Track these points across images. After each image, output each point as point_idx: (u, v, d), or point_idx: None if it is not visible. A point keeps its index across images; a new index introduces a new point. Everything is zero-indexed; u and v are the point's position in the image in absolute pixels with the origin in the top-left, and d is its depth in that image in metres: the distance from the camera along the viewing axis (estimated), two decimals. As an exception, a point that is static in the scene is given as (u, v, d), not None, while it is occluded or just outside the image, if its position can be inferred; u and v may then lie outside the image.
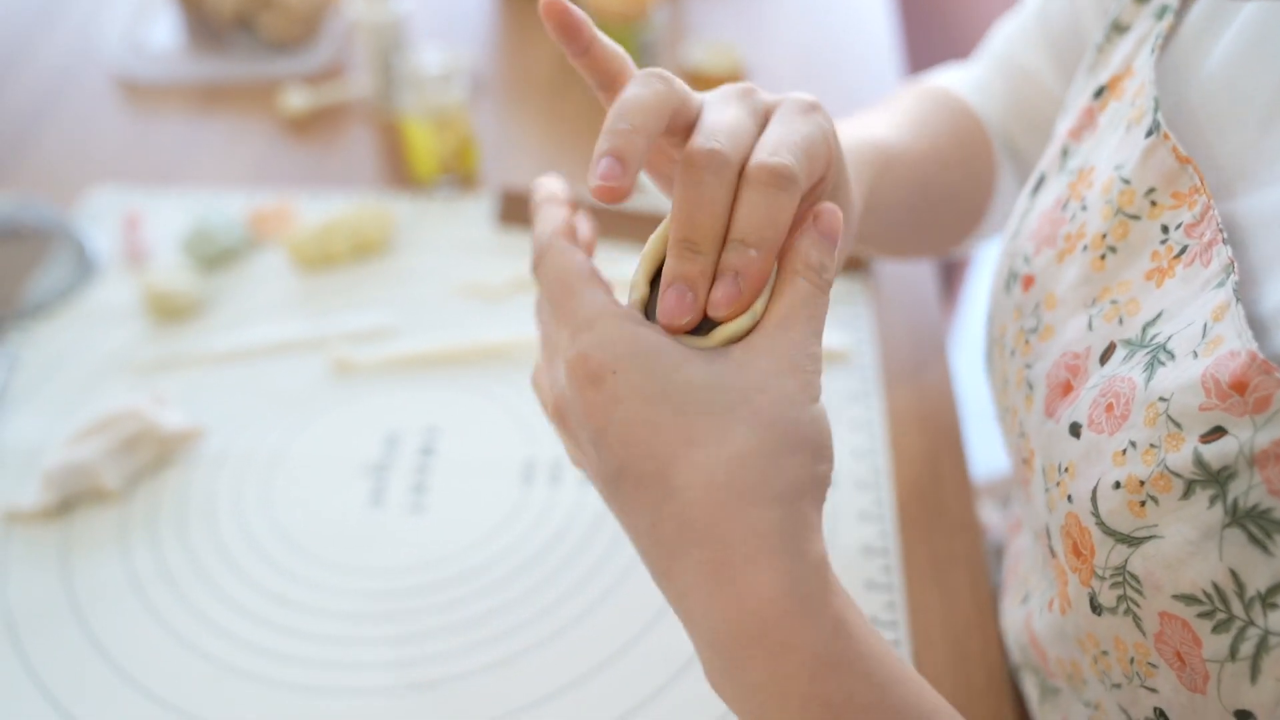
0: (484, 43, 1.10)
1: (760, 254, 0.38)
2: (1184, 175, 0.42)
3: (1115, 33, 0.52)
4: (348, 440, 0.73)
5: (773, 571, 0.35)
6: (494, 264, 0.85)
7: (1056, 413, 0.45)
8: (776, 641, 0.35)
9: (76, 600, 0.64)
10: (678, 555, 0.37)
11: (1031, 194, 0.54)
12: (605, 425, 0.37)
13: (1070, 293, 0.47)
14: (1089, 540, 0.41)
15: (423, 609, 0.63)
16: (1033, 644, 0.52)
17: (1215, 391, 0.36)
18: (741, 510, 0.36)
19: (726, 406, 0.36)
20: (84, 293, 0.83)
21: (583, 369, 0.37)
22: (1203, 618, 0.36)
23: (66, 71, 1.07)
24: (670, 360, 0.37)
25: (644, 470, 0.36)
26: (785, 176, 0.38)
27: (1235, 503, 0.35)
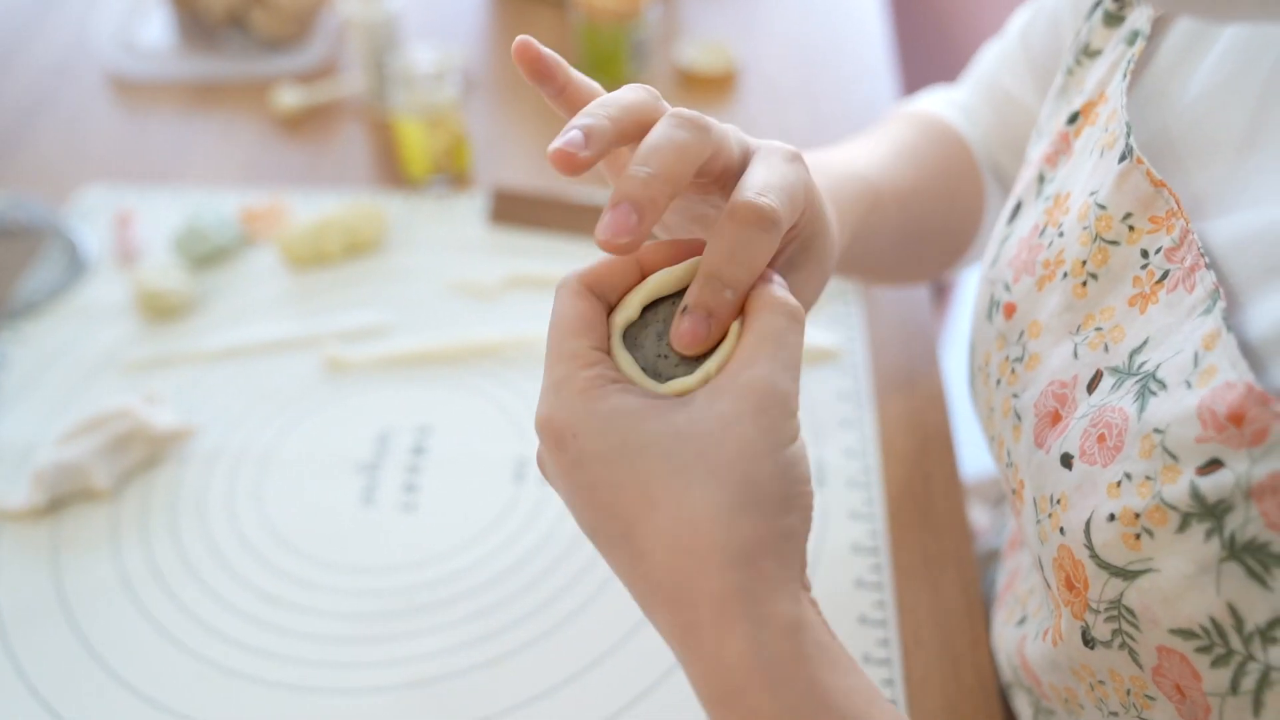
0: (476, 41, 1.10)
1: (734, 295, 0.38)
2: (1159, 199, 0.42)
3: (1086, 57, 0.52)
4: (339, 439, 0.73)
5: (737, 638, 0.34)
6: (486, 262, 0.85)
7: (1046, 443, 0.45)
8: (745, 706, 0.35)
9: (67, 600, 0.64)
10: (652, 612, 0.37)
11: (1009, 221, 0.54)
12: (572, 487, 0.37)
13: (1054, 320, 0.47)
14: (1082, 573, 0.40)
15: (414, 608, 0.63)
16: (1024, 668, 0.52)
17: (1212, 423, 0.35)
18: (702, 574, 0.35)
19: (683, 463, 0.35)
20: (75, 291, 0.83)
21: (548, 430, 0.37)
22: (1201, 652, 0.36)
23: (59, 69, 1.07)
24: (629, 419, 0.36)
25: (612, 532, 0.36)
26: (771, 219, 0.37)
27: (1232, 536, 0.35)
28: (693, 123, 0.38)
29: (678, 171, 0.37)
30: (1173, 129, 0.44)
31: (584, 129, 0.37)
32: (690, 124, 0.38)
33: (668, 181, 0.37)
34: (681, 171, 0.37)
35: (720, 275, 0.37)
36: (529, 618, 0.62)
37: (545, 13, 1.13)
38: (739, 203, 0.38)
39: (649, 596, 0.36)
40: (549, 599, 0.63)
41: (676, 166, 0.37)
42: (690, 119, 0.38)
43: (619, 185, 0.37)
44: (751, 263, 0.37)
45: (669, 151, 0.37)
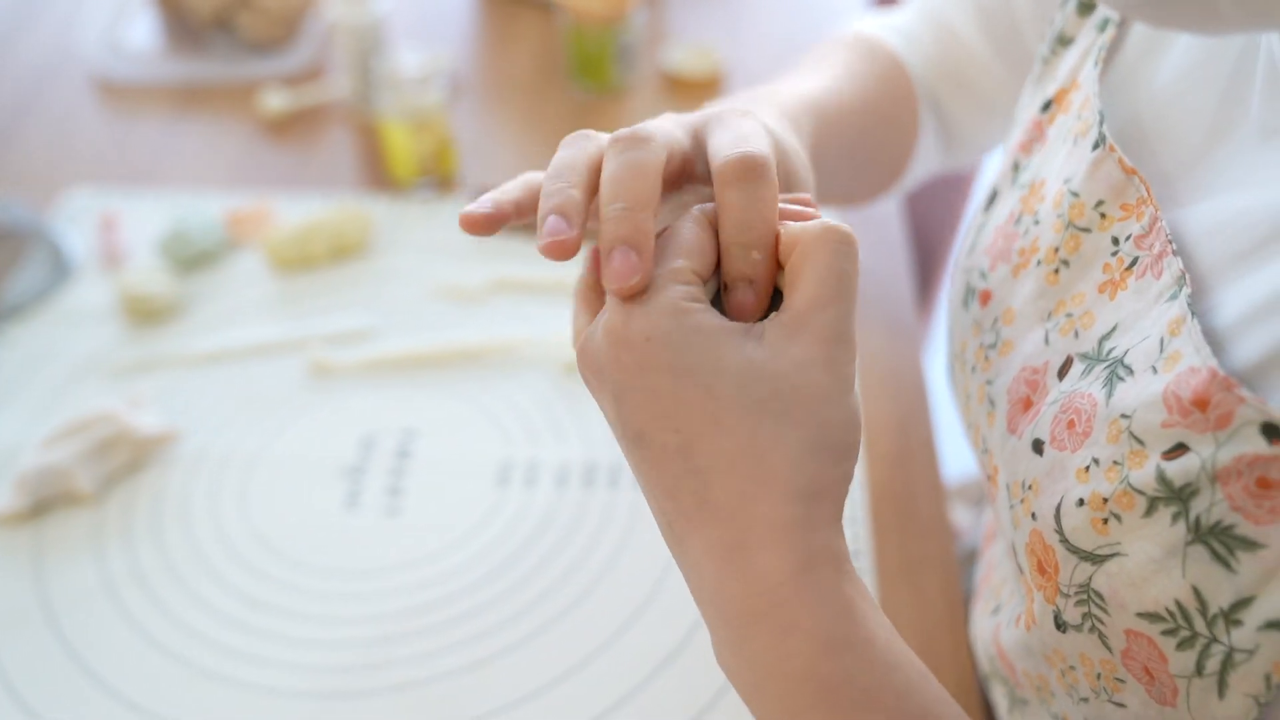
0: (463, 44, 1.10)
1: (763, 254, 0.38)
2: (1131, 186, 0.42)
3: (1060, 45, 0.52)
4: (324, 443, 0.73)
5: (785, 558, 0.36)
6: (472, 266, 0.85)
7: (1018, 429, 0.45)
8: (782, 620, 0.35)
9: (49, 604, 0.63)
10: (694, 528, 0.37)
11: (985, 209, 0.54)
12: (628, 387, 0.37)
13: (1027, 307, 0.47)
14: (1053, 558, 0.41)
15: (398, 611, 0.63)
16: (1000, 656, 0.52)
17: (1177, 408, 0.36)
18: (762, 502, 0.36)
19: (758, 399, 0.36)
20: (60, 294, 0.83)
21: (620, 329, 0.37)
22: (1167, 635, 0.37)
23: (44, 71, 1.07)
24: (709, 340, 0.36)
25: (665, 441, 0.36)
26: (757, 163, 0.38)
27: (1198, 520, 0.35)
28: (634, 139, 0.39)
29: (646, 191, 0.38)
30: (1143, 114, 0.45)
31: (557, 210, 0.38)
32: (632, 141, 0.39)
33: (643, 206, 0.37)
34: (649, 189, 0.38)
35: (740, 241, 0.38)
36: (513, 621, 0.62)
37: (531, 16, 1.13)
38: (720, 164, 0.38)
39: (694, 510, 0.37)
40: (533, 602, 0.63)
41: (643, 186, 0.38)
42: (630, 137, 0.39)
43: (605, 230, 0.37)
44: (762, 215, 0.38)
45: (629, 177, 0.38)
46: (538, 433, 0.73)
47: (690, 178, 0.43)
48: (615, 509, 0.68)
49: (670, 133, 0.41)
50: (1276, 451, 0.33)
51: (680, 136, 0.41)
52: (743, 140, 0.39)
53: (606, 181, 0.38)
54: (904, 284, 0.83)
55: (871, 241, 0.86)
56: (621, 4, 0.97)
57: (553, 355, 0.77)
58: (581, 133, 0.41)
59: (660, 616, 0.62)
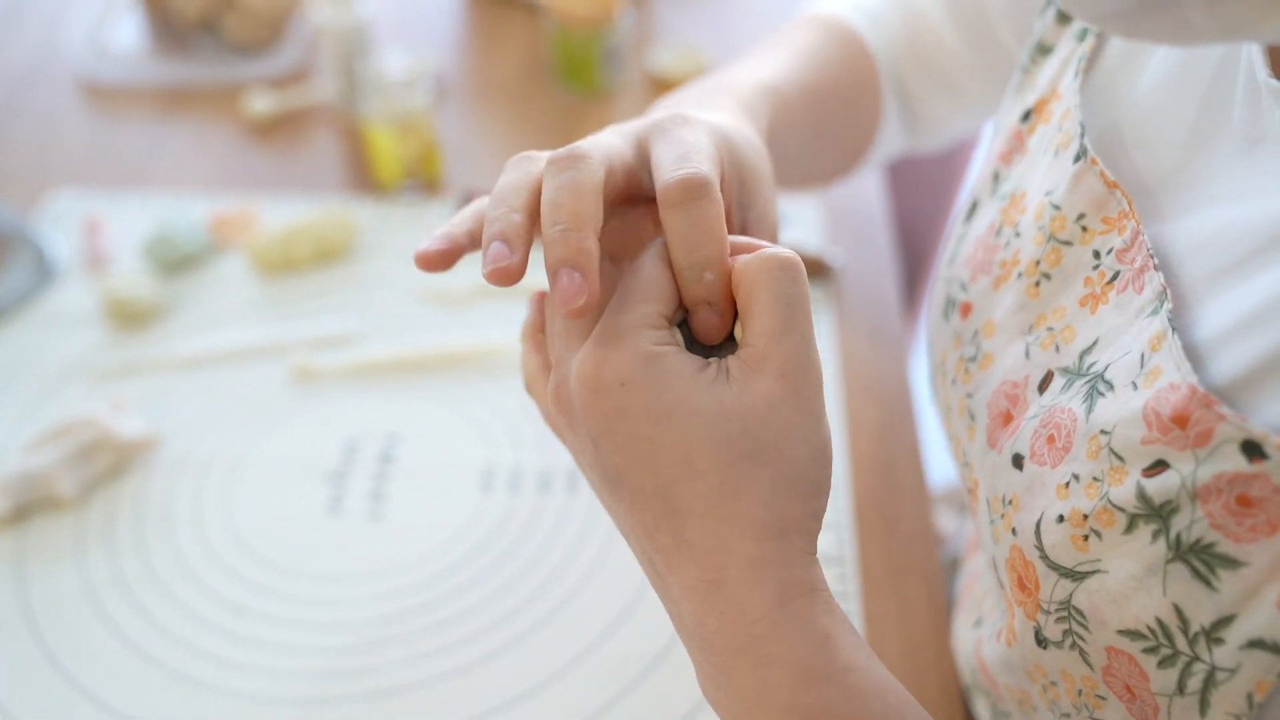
0: (449, 47, 1.10)
1: (716, 275, 0.38)
2: (1112, 200, 0.42)
3: (1039, 54, 0.52)
4: (307, 447, 0.72)
5: (762, 594, 0.36)
6: (457, 270, 0.84)
7: (998, 443, 0.45)
8: (761, 654, 0.36)
9: (30, 609, 0.63)
10: (673, 566, 0.38)
11: (965, 219, 0.54)
12: (605, 431, 0.37)
13: (1007, 320, 0.47)
14: (1033, 574, 0.41)
15: (382, 616, 0.63)
16: (982, 669, 0.52)
17: (1157, 425, 0.36)
18: (736, 541, 0.36)
19: (728, 440, 0.36)
20: (43, 297, 0.82)
21: (593, 375, 0.37)
22: (1148, 653, 0.36)
23: (29, 72, 1.06)
24: (682, 384, 0.36)
25: (643, 485, 0.37)
26: (699, 185, 0.38)
27: (1178, 537, 0.35)
28: (570, 159, 0.38)
29: (585, 211, 0.37)
30: (1123, 124, 0.45)
31: (499, 237, 0.38)
32: (569, 160, 0.38)
33: (582, 225, 0.37)
34: (589, 208, 0.37)
35: (691, 263, 0.38)
36: (497, 626, 0.62)
37: (518, 19, 1.13)
38: (662, 188, 0.38)
39: (672, 550, 0.37)
40: (517, 607, 0.63)
41: (582, 206, 0.37)
42: (566, 157, 0.38)
43: (547, 253, 0.37)
44: (709, 236, 0.38)
45: (567, 198, 0.37)
46: (521, 437, 0.73)
47: (638, 188, 0.42)
48: (599, 514, 0.68)
49: (611, 146, 0.40)
50: (1257, 469, 0.33)
51: (622, 149, 0.41)
52: (683, 160, 0.39)
53: (545, 205, 0.38)
54: (890, 288, 0.83)
55: (858, 245, 0.86)
56: (608, 6, 0.97)
57: (537, 359, 0.77)
58: (523, 155, 0.41)
59: (645, 621, 0.62)
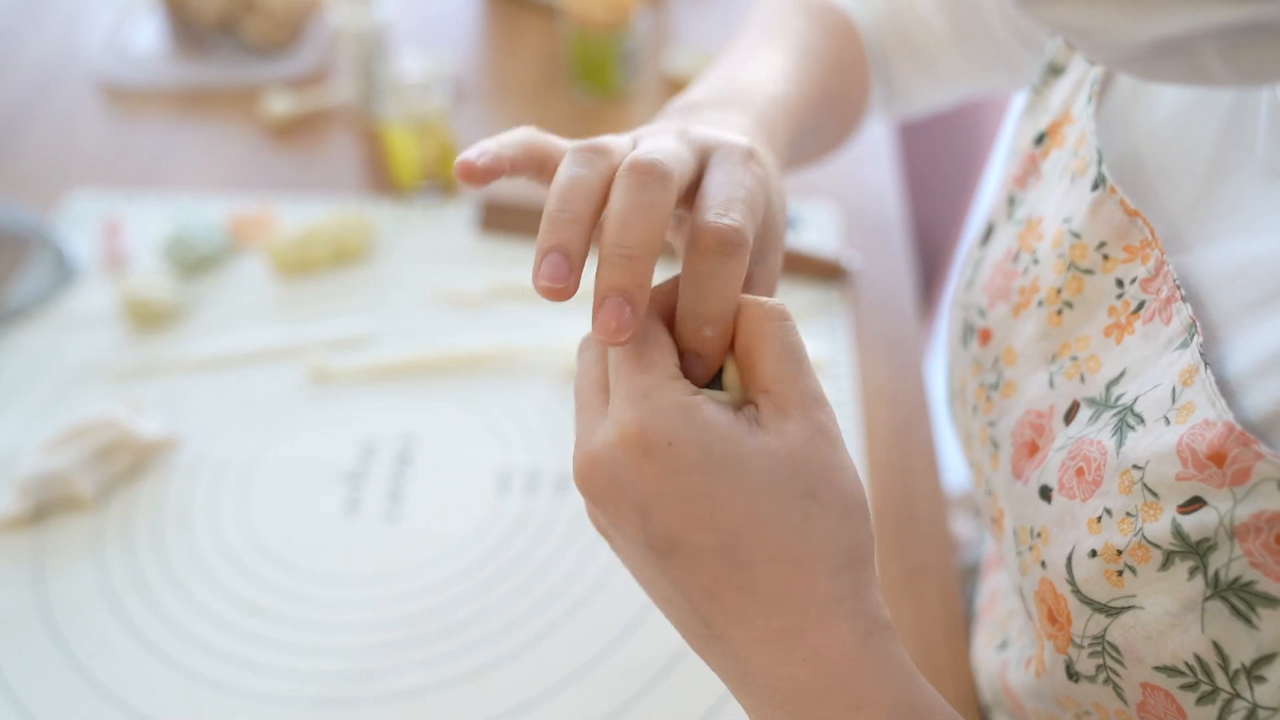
0: (467, 49, 1.10)
1: (715, 332, 0.37)
2: (1134, 228, 0.41)
3: (1051, 75, 0.51)
4: (324, 448, 0.73)
5: (847, 633, 0.35)
6: (474, 272, 0.85)
7: (1024, 474, 0.45)
8: (851, 696, 0.35)
9: (49, 609, 0.64)
10: (742, 622, 0.36)
11: (981, 244, 0.54)
12: (656, 495, 0.35)
13: (1029, 348, 0.46)
14: (1064, 608, 0.40)
15: (398, 618, 0.63)
16: (1006, 692, 0.51)
17: (1192, 462, 0.35)
18: (812, 582, 0.35)
19: (781, 479, 0.35)
20: (62, 298, 0.83)
21: (638, 438, 0.35)
22: (1186, 689, 0.36)
23: (49, 74, 1.07)
24: (725, 433, 0.35)
25: (704, 544, 0.35)
26: (736, 244, 0.36)
27: (1217, 575, 0.35)
28: (651, 174, 0.37)
29: (653, 239, 0.36)
30: (1143, 150, 0.44)
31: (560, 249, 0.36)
32: (652, 178, 0.37)
33: (648, 255, 0.36)
34: (656, 237, 0.36)
35: (697, 315, 0.37)
36: (511, 629, 0.62)
37: (535, 22, 1.13)
38: (701, 228, 0.37)
39: (739, 606, 0.36)
40: (531, 610, 0.63)
41: (652, 235, 0.36)
42: (648, 171, 0.37)
43: (602, 274, 0.36)
44: (723, 294, 0.37)
45: (639, 222, 0.36)
46: (538, 439, 0.73)
47: (684, 200, 0.41)
48: (615, 517, 0.68)
49: (683, 163, 0.39)
50: None
51: (690, 164, 0.40)
52: (730, 206, 0.37)
53: (615, 219, 0.36)
54: (906, 291, 0.83)
55: (874, 248, 0.86)
56: (624, 9, 0.97)
57: (553, 362, 0.77)
58: (595, 146, 0.39)
59: (660, 625, 0.62)
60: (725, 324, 0.37)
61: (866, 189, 0.91)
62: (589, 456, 0.37)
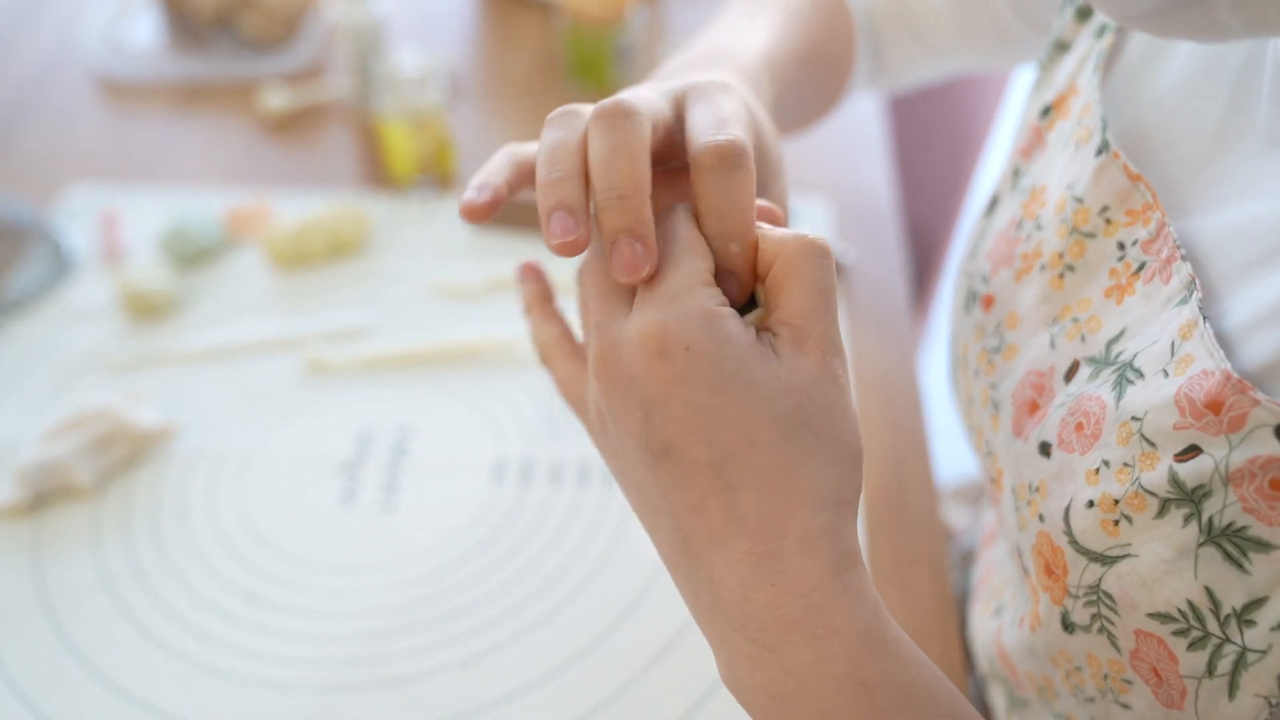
0: (463, 44, 1.11)
1: (741, 247, 0.38)
2: (1136, 193, 0.42)
3: (1058, 51, 0.52)
4: (321, 439, 0.73)
5: (820, 563, 0.36)
6: (469, 265, 0.85)
7: (1024, 432, 0.45)
8: (819, 624, 0.35)
9: (48, 597, 0.64)
10: (720, 543, 0.36)
11: (986, 214, 0.54)
12: (662, 398, 0.35)
13: (1031, 311, 0.47)
14: (1061, 559, 0.41)
15: (393, 606, 0.64)
16: (1001, 657, 0.52)
17: (1190, 411, 0.36)
18: (794, 514, 0.36)
19: (784, 411, 0.36)
20: (60, 290, 0.83)
21: (658, 338, 0.35)
22: (1178, 635, 0.37)
23: (46, 69, 1.07)
24: (740, 352, 0.35)
25: (696, 456, 0.36)
26: (737, 153, 0.37)
27: (1210, 521, 0.35)
28: (620, 113, 0.37)
29: (640, 174, 0.37)
30: (1146, 120, 0.45)
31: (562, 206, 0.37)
32: (619, 116, 0.37)
33: (638, 191, 0.37)
34: (641, 171, 0.37)
35: (719, 233, 0.38)
36: (506, 617, 0.63)
37: (530, 17, 1.14)
38: (699, 150, 0.37)
39: (721, 526, 0.36)
40: (526, 598, 0.64)
41: (637, 169, 0.37)
42: (615, 112, 0.37)
43: (604, 219, 0.37)
44: (739, 206, 0.37)
45: (622, 160, 0.37)
46: (532, 430, 0.73)
47: (671, 149, 0.42)
48: (609, 507, 0.69)
49: (652, 103, 0.40)
50: None
51: (662, 106, 0.40)
52: (722, 125, 0.38)
53: (597, 164, 0.37)
54: (899, 285, 0.84)
55: (868, 243, 0.87)
56: (620, 5, 0.97)
57: (549, 354, 0.78)
58: (567, 110, 0.39)
59: (652, 613, 0.63)
60: (749, 236, 0.38)
61: (859, 183, 0.92)
62: (611, 342, 0.37)
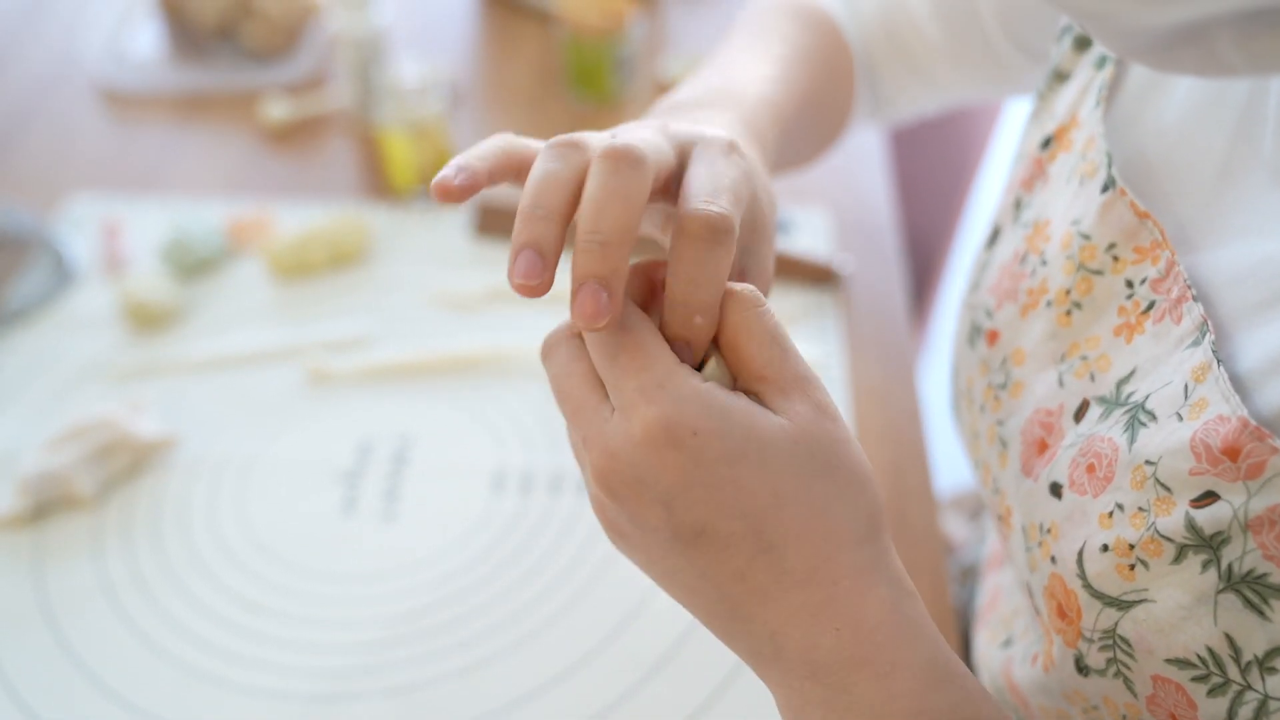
0: (463, 55, 1.11)
1: (705, 321, 0.37)
2: (1144, 230, 0.42)
3: (1056, 81, 0.52)
4: (321, 448, 0.73)
5: (878, 600, 0.36)
6: (469, 275, 0.85)
7: (1034, 471, 0.45)
8: (885, 661, 0.35)
9: (49, 606, 0.64)
10: (773, 601, 0.36)
11: (987, 247, 0.54)
12: (682, 486, 0.35)
13: (1038, 348, 0.47)
14: (1075, 602, 0.41)
15: (394, 615, 0.64)
16: (1011, 689, 0.52)
17: (1206, 457, 0.35)
18: (839, 554, 0.36)
19: (800, 462, 0.36)
20: (62, 300, 0.84)
21: (663, 431, 0.34)
22: (1197, 681, 0.36)
23: (48, 79, 1.08)
24: (743, 419, 0.35)
25: (731, 529, 0.35)
26: (723, 230, 0.36)
27: (1230, 568, 0.35)
28: (626, 160, 0.36)
29: (628, 225, 0.36)
30: (1150, 154, 0.44)
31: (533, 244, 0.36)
32: (626, 163, 0.36)
33: (622, 242, 0.35)
34: (632, 222, 0.36)
35: (687, 304, 0.37)
36: (506, 625, 0.63)
37: (530, 27, 1.14)
38: (689, 215, 0.36)
39: (772, 584, 0.36)
40: (525, 607, 0.64)
41: (626, 220, 0.36)
42: (622, 157, 0.36)
43: (577, 259, 0.35)
44: (712, 282, 0.37)
45: (616, 208, 0.36)
46: (532, 440, 0.74)
47: (665, 195, 0.41)
48: (609, 516, 0.69)
49: (660, 153, 0.39)
50: None
51: (668, 154, 0.39)
52: (716, 194, 0.37)
53: (589, 204, 0.36)
54: (897, 296, 0.84)
55: (866, 253, 0.87)
56: (619, 15, 0.98)
57: (549, 363, 0.78)
58: (573, 141, 0.38)
59: (652, 622, 0.63)
60: (714, 311, 0.37)
61: (858, 194, 0.92)
62: (608, 453, 0.36)
